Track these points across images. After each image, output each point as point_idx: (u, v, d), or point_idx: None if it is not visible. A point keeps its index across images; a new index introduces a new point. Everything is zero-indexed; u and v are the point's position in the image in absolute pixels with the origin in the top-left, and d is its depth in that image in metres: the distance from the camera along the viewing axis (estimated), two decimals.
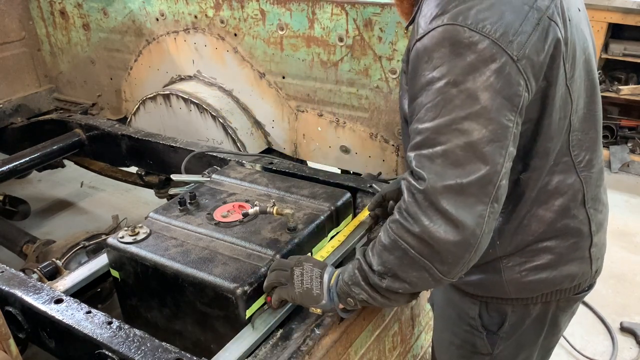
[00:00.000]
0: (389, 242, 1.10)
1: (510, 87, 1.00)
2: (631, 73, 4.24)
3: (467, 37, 0.98)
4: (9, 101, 3.11)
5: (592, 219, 1.25)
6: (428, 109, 1.03)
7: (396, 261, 1.10)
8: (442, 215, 1.01)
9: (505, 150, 1.02)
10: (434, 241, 1.03)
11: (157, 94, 2.65)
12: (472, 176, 1.00)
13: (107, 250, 1.65)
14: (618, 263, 3.17)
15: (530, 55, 1.01)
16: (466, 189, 1.01)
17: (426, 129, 1.03)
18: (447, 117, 1.00)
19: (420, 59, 1.04)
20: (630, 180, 4.17)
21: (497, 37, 0.98)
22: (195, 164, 2.24)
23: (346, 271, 1.23)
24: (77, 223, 3.57)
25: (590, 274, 1.31)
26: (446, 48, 1.00)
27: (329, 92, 2.29)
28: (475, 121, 0.99)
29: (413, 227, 1.04)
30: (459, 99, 0.99)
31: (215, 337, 1.47)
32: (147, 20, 2.73)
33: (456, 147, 1.00)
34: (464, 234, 1.01)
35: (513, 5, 1.02)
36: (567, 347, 2.57)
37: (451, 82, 1.00)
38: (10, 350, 1.29)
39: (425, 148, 1.04)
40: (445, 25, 1.00)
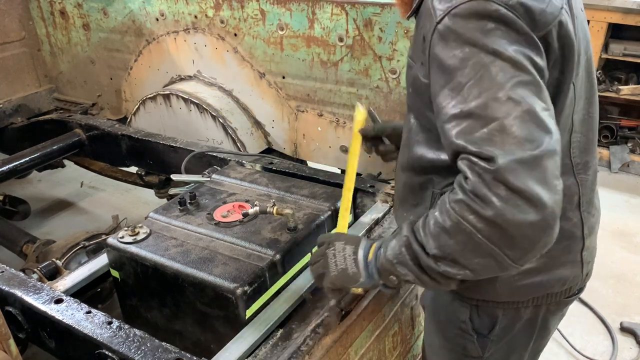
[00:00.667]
0: (450, 224, 0.98)
1: (540, 57, 0.99)
2: (631, 73, 4.23)
3: (495, 10, 0.95)
4: (9, 101, 3.11)
5: (585, 222, 1.24)
6: (471, 87, 0.96)
7: (457, 246, 0.99)
8: (518, 194, 0.91)
9: (553, 118, 0.98)
10: (508, 224, 0.92)
11: (157, 94, 2.65)
12: (541, 146, 0.93)
13: (107, 250, 1.65)
14: (618, 263, 3.16)
15: (549, 38, 1.00)
16: (539, 161, 0.92)
17: (475, 107, 0.95)
18: (495, 88, 0.94)
19: (447, 40, 0.99)
20: (630, 180, 4.17)
21: (521, 14, 0.96)
22: (195, 164, 2.24)
23: (389, 247, 1.13)
24: (77, 223, 3.57)
25: (581, 277, 1.29)
26: (474, 23, 0.96)
27: (329, 92, 2.29)
28: (525, 87, 0.95)
29: (484, 210, 0.93)
30: (505, 68, 0.95)
31: (215, 337, 1.47)
32: (147, 20, 2.73)
33: (514, 118, 0.93)
34: (543, 213, 0.92)
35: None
36: (567, 347, 2.57)
37: (490, 52, 0.95)
38: (10, 350, 1.29)
39: (478, 129, 0.95)
40: (469, 2, 0.96)
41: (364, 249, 1.20)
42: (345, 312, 1.50)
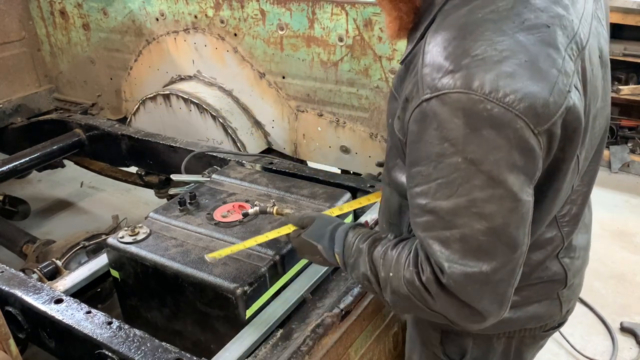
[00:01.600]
0: (403, 293, 1.00)
1: (532, 162, 0.87)
2: (631, 73, 4.23)
3: (484, 110, 0.82)
4: (9, 101, 3.11)
5: (567, 268, 1.17)
6: (441, 185, 0.88)
7: (409, 308, 1.04)
8: (466, 305, 0.91)
9: (528, 228, 0.91)
10: (454, 319, 0.96)
11: (157, 94, 2.65)
12: (499, 264, 0.89)
13: (107, 250, 1.65)
14: (618, 263, 3.16)
15: (554, 128, 0.86)
16: (492, 277, 0.89)
17: (439, 208, 0.89)
18: (465, 197, 0.86)
19: (428, 124, 0.88)
20: (630, 180, 4.16)
21: (521, 110, 0.82)
22: (195, 164, 2.24)
23: (354, 272, 1.15)
24: (77, 223, 3.57)
25: (559, 315, 1.22)
26: (460, 120, 0.84)
27: (329, 92, 2.29)
28: (499, 204, 0.86)
29: (432, 303, 0.95)
30: (479, 179, 0.85)
31: (215, 337, 1.47)
32: (147, 20, 2.73)
33: (477, 232, 0.87)
34: (488, 318, 0.94)
35: (539, 69, 0.85)
36: (567, 347, 2.57)
37: (468, 159, 0.84)
38: (10, 350, 1.29)
39: (438, 229, 0.91)
40: (459, 93, 0.83)
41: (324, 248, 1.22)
42: (345, 312, 1.50)
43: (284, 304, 1.48)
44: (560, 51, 0.88)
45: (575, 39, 0.91)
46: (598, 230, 3.46)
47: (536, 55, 0.85)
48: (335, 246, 1.19)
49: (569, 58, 0.89)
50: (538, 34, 0.87)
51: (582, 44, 0.93)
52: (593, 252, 3.10)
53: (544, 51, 0.86)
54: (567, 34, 0.90)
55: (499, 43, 0.85)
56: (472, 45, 0.85)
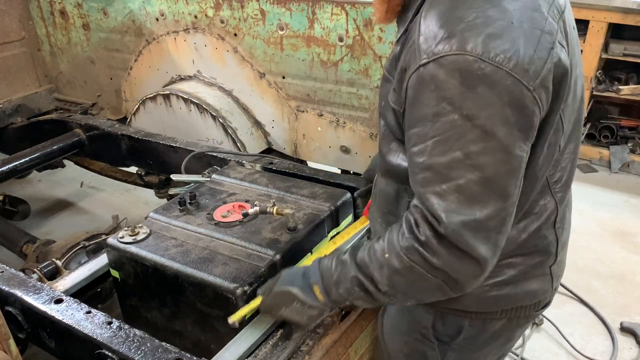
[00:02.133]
0: (402, 267, 1.05)
1: (525, 118, 0.95)
2: (631, 73, 4.23)
3: (479, 69, 0.91)
4: (9, 101, 3.11)
5: (559, 238, 1.23)
6: (437, 142, 0.96)
7: (409, 284, 1.07)
8: (464, 253, 0.99)
9: (519, 181, 1.00)
10: (455, 274, 1.02)
11: (157, 94, 2.65)
12: (491, 211, 0.97)
13: (107, 250, 1.65)
14: (618, 263, 3.16)
15: (546, 82, 0.96)
16: (485, 224, 0.98)
17: (436, 164, 0.97)
18: (460, 151, 0.95)
19: (425, 86, 0.96)
20: (630, 180, 4.16)
21: (511, 67, 0.91)
22: (195, 164, 2.24)
23: (340, 285, 1.17)
24: (77, 223, 3.57)
25: (550, 291, 1.28)
26: (456, 79, 0.92)
27: (329, 92, 2.29)
28: (491, 155, 0.94)
29: (434, 260, 1.01)
30: (473, 134, 0.93)
31: (215, 337, 1.47)
32: (147, 20, 2.73)
33: (471, 182, 0.95)
34: (485, 266, 1.01)
35: (524, 30, 0.94)
36: (567, 347, 2.57)
37: (464, 115, 0.93)
38: (10, 350, 1.29)
39: (436, 183, 0.98)
40: (455, 55, 0.92)
41: (313, 296, 1.22)
42: (345, 312, 1.50)
43: None
44: (543, 13, 0.98)
45: (555, 4, 1.02)
46: (598, 230, 3.46)
47: (521, 18, 0.94)
48: (311, 278, 1.21)
49: (552, 19, 0.99)
50: (522, 1, 0.97)
51: (562, 9, 1.04)
52: (593, 252, 3.12)
53: (528, 14, 0.96)
54: (547, 0, 1.01)
55: (488, 9, 0.94)
56: (464, 13, 0.95)
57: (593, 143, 4.44)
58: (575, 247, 3.26)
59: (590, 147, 4.40)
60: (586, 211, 3.63)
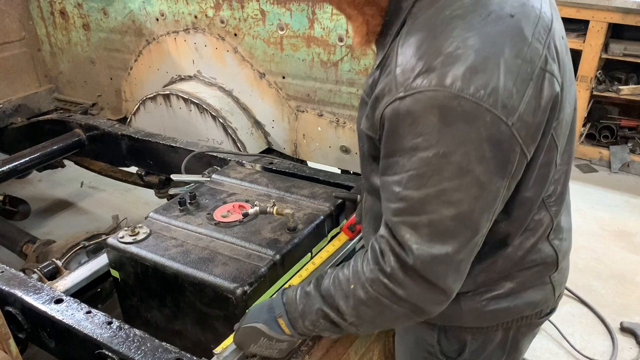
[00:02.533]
0: (367, 298, 1.04)
1: (503, 154, 0.92)
2: (631, 73, 4.23)
3: (458, 105, 0.87)
4: (9, 101, 3.11)
5: (558, 249, 1.20)
6: (412, 177, 0.94)
7: (375, 314, 1.07)
8: (431, 284, 0.98)
9: (492, 214, 0.99)
10: (420, 303, 1.02)
11: (157, 94, 2.65)
12: (461, 245, 0.97)
13: (107, 250, 1.65)
14: (618, 263, 3.16)
15: (525, 117, 0.92)
16: (455, 257, 0.97)
17: (410, 197, 0.95)
18: (435, 188, 0.93)
19: (402, 120, 0.93)
20: (630, 180, 4.16)
21: (490, 103, 0.88)
22: (195, 164, 2.24)
23: (306, 318, 1.15)
24: (77, 223, 3.57)
25: (553, 299, 1.26)
26: (435, 116, 0.89)
27: (329, 92, 2.29)
28: (466, 192, 0.93)
29: (399, 292, 1.01)
30: (449, 172, 0.91)
31: (215, 337, 1.47)
32: (147, 20, 2.73)
33: (445, 217, 0.94)
34: (450, 295, 1.02)
35: (505, 60, 0.90)
36: (567, 347, 2.57)
37: (440, 153, 0.90)
38: (10, 350, 1.29)
39: (408, 215, 0.97)
40: (433, 92, 0.88)
41: (279, 331, 1.20)
42: None
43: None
44: (526, 38, 0.93)
45: (541, 23, 0.96)
46: (598, 230, 3.46)
47: (503, 46, 0.90)
48: (275, 312, 1.19)
49: (537, 41, 0.94)
50: (504, 25, 0.92)
51: (549, 25, 0.98)
52: (593, 252, 3.12)
53: (510, 41, 0.91)
54: (532, 20, 0.95)
55: (468, 39, 0.90)
56: (443, 44, 0.90)
57: (593, 143, 4.44)
58: (576, 247, 3.24)
59: (590, 147, 4.40)
60: (586, 211, 3.63)
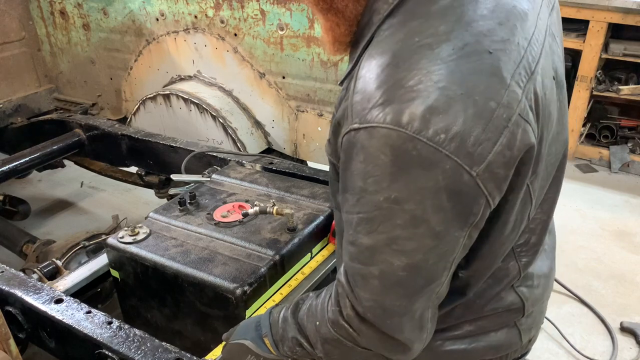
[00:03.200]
0: (331, 337, 0.99)
1: (464, 205, 0.81)
2: (631, 73, 4.23)
3: (414, 149, 0.76)
4: (9, 101, 3.11)
5: (524, 297, 1.12)
6: (362, 220, 0.85)
7: (342, 354, 1.01)
8: (388, 337, 0.91)
9: (450, 263, 0.88)
10: (382, 352, 0.96)
11: (157, 94, 2.65)
12: (416, 295, 0.88)
13: (107, 251, 1.65)
14: (618, 263, 3.16)
15: (494, 167, 0.79)
16: (410, 307, 0.89)
17: (360, 243, 0.86)
18: (385, 235, 0.83)
19: (355, 155, 0.82)
20: (630, 180, 4.16)
21: (452, 150, 0.75)
22: (195, 164, 2.24)
23: (285, 343, 1.11)
24: (77, 223, 3.57)
25: (519, 344, 1.17)
26: (387, 157, 0.78)
27: (329, 92, 2.29)
28: (419, 242, 0.82)
29: (358, 338, 0.95)
30: (401, 219, 0.81)
31: (215, 337, 1.47)
32: (147, 20, 2.73)
33: (396, 268, 0.85)
34: (412, 346, 0.94)
35: (475, 102, 0.76)
36: (567, 347, 2.57)
37: (391, 199, 0.79)
38: (10, 350, 1.29)
39: (359, 263, 0.88)
40: (388, 129, 0.76)
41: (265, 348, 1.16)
42: None
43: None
44: (504, 79, 0.80)
45: (523, 63, 0.83)
46: (598, 230, 3.46)
47: (474, 87, 0.77)
48: (262, 330, 1.15)
49: (517, 85, 0.81)
50: (479, 61, 0.79)
51: (532, 68, 0.85)
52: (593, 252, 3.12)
53: (484, 81, 0.78)
54: (513, 59, 0.82)
55: (434, 73, 0.77)
56: (405, 75, 0.78)
57: (593, 143, 4.44)
58: (576, 247, 3.26)
59: (590, 147, 4.40)
60: (586, 211, 3.63)
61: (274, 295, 1.50)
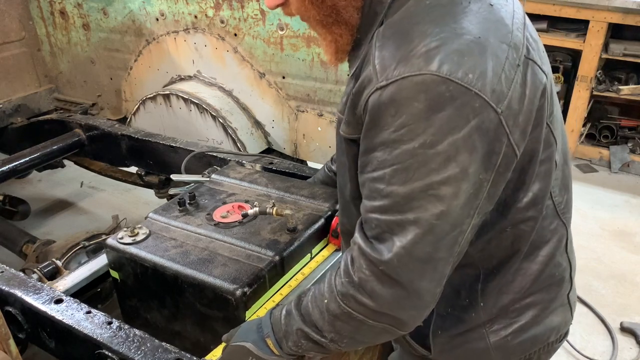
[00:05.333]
0: (341, 313, 0.99)
1: (490, 145, 0.87)
2: (631, 73, 4.23)
3: (445, 90, 0.82)
4: (9, 101, 3.11)
5: (572, 264, 1.17)
6: (397, 171, 0.88)
7: (354, 329, 1.01)
8: (405, 287, 0.92)
9: (474, 210, 0.92)
10: (395, 312, 0.96)
11: (157, 94, 2.65)
12: (442, 242, 0.91)
13: (107, 251, 1.65)
14: (618, 263, 3.16)
15: (513, 104, 0.87)
16: (434, 256, 0.92)
17: (396, 193, 0.89)
18: (421, 181, 0.87)
19: (385, 111, 0.87)
20: (630, 180, 4.17)
21: (479, 88, 0.83)
22: (195, 164, 2.24)
23: (289, 339, 1.10)
24: (77, 223, 3.57)
25: (570, 320, 1.23)
26: (420, 103, 0.83)
27: (329, 92, 2.29)
28: (453, 185, 0.87)
29: (371, 304, 0.95)
30: (435, 162, 0.85)
31: (215, 338, 1.47)
32: (147, 20, 2.73)
33: (432, 215, 0.88)
34: (426, 301, 0.95)
35: (491, 45, 0.86)
36: (567, 347, 2.57)
37: (427, 143, 0.84)
38: (10, 350, 1.29)
39: (394, 213, 0.91)
40: (419, 76, 0.82)
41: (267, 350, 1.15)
42: None
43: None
44: (507, 25, 0.91)
45: (516, 16, 0.95)
46: (598, 230, 3.46)
47: (487, 31, 0.87)
48: (264, 331, 1.15)
49: (518, 31, 0.92)
50: (485, 12, 0.90)
51: (522, 19, 0.97)
52: (593, 252, 3.11)
53: (494, 26, 0.89)
54: (509, 11, 0.94)
55: (450, 23, 0.87)
56: (426, 29, 0.86)
57: (593, 143, 4.44)
58: (576, 247, 3.25)
59: (590, 147, 4.40)
60: (586, 211, 3.63)
61: (273, 296, 1.50)
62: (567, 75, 4.41)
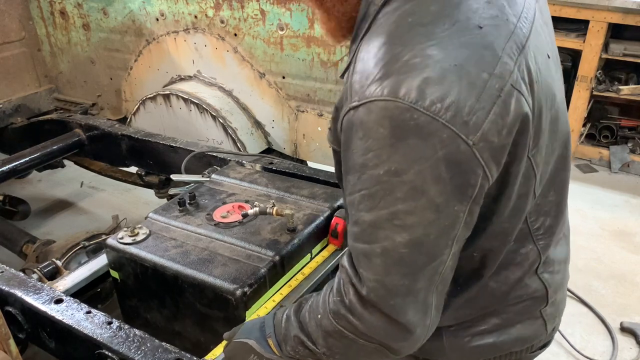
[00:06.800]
0: (332, 330, 0.98)
1: (463, 177, 0.83)
2: (631, 73, 4.23)
3: (411, 119, 0.79)
4: (9, 101, 3.11)
5: (547, 284, 1.13)
6: (363, 197, 0.86)
7: (344, 347, 1.00)
8: (391, 320, 0.91)
9: (452, 241, 0.89)
10: (384, 340, 0.95)
11: (157, 94, 2.65)
12: (418, 273, 0.88)
13: (107, 251, 1.65)
14: (618, 263, 3.16)
15: (489, 136, 0.82)
16: (412, 287, 0.89)
17: (362, 220, 0.88)
18: (386, 210, 0.84)
19: (354, 133, 0.85)
20: (630, 180, 4.16)
21: (448, 119, 0.78)
22: (195, 164, 2.24)
23: (288, 343, 1.10)
24: (77, 223, 3.57)
25: (545, 334, 1.18)
26: (386, 129, 0.80)
27: (329, 92, 2.29)
28: (420, 215, 0.84)
29: (360, 326, 0.94)
30: (401, 191, 0.82)
31: (215, 338, 1.47)
32: (147, 20, 2.73)
33: (398, 244, 0.86)
34: (415, 331, 0.93)
35: (468, 73, 0.80)
36: (567, 347, 2.57)
37: (392, 171, 0.81)
38: (10, 350, 1.29)
39: (362, 242, 0.89)
40: (385, 102, 0.80)
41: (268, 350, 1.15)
42: None
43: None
44: (495, 52, 0.84)
45: (514, 38, 0.87)
46: (598, 230, 3.46)
47: (466, 59, 0.81)
48: (266, 331, 1.15)
49: (508, 57, 0.85)
50: (470, 36, 0.84)
51: (523, 43, 0.89)
52: (593, 252, 3.12)
53: (476, 53, 0.83)
54: (504, 34, 0.86)
55: (428, 48, 0.81)
56: (401, 51, 0.82)
57: (593, 143, 4.43)
58: (576, 247, 3.24)
59: (590, 147, 4.39)
60: (586, 211, 3.63)
61: (274, 296, 1.50)
62: (567, 75, 4.40)
